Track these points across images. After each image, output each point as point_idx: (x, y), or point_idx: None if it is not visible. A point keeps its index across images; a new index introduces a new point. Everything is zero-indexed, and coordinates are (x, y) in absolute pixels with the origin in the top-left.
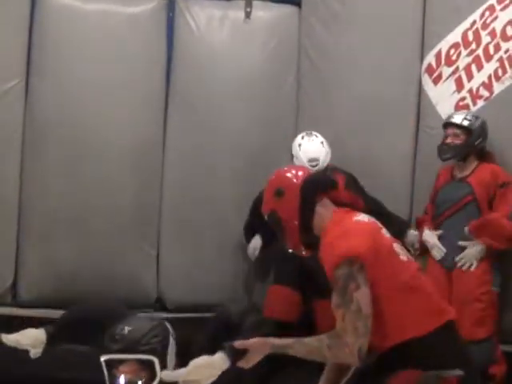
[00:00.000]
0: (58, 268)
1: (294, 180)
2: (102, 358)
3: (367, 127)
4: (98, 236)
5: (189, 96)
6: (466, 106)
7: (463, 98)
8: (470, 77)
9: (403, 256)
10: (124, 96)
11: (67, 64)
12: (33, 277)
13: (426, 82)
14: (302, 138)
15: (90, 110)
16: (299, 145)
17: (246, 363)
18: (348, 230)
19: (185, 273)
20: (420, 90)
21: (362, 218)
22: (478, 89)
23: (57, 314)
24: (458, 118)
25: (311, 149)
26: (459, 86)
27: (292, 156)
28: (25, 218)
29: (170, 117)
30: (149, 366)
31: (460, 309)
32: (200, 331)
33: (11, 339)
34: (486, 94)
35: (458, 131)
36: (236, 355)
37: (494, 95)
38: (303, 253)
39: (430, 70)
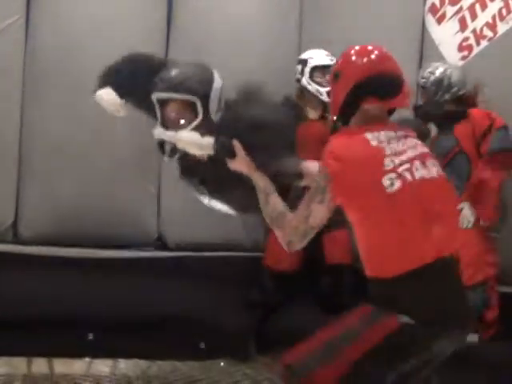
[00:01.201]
0: (58, 206)
1: (354, 65)
2: (152, 97)
3: None
4: (98, 174)
5: (191, 35)
6: (470, 47)
7: (467, 38)
8: (473, 16)
9: (392, 188)
10: (124, 33)
11: (67, 3)
12: (33, 215)
13: (429, 21)
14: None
15: (90, 47)
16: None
17: (230, 163)
18: (349, 145)
19: (186, 211)
20: (423, 30)
21: (375, 138)
22: (481, 29)
23: (57, 251)
24: (420, 78)
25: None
26: (463, 25)
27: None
28: (25, 156)
29: (172, 56)
30: (192, 107)
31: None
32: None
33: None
34: (489, 34)
35: (423, 90)
36: (224, 148)
37: (498, 35)
38: None
39: (433, 10)
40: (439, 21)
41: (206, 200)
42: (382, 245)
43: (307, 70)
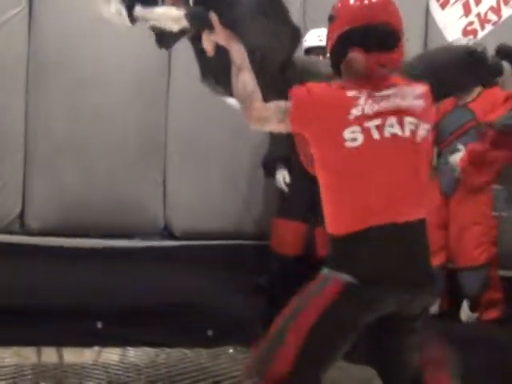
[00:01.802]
0: (65, 197)
1: (345, 11)
2: None
3: None
4: (103, 164)
5: None
6: (474, 31)
7: (471, 23)
8: (477, 1)
9: (353, 143)
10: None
11: None
12: (40, 206)
13: (433, 6)
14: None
15: (93, 39)
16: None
17: (205, 40)
18: (324, 87)
19: (192, 200)
20: (427, 15)
21: (354, 91)
22: (485, 13)
23: (64, 241)
24: (463, 43)
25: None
26: (467, 10)
27: None
28: (31, 148)
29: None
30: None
31: (459, 234)
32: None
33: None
34: (494, 18)
35: None
36: (198, 19)
37: (502, 19)
38: None
39: None
40: (443, 6)
41: (227, 100)
42: (337, 200)
43: (302, 53)
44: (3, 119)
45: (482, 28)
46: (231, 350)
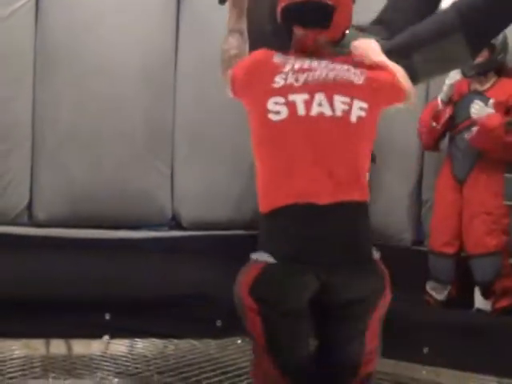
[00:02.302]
0: (72, 188)
1: None
2: None
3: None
4: (111, 155)
5: (200, 6)
6: None
7: None
8: None
9: (276, 117)
10: (135, 15)
11: None
12: (48, 197)
13: None
14: None
15: (100, 31)
16: None
17: None
18: (254, 55)
19: (199, 190)
20: None
21: (283, 58)
22: None
23: (72, 233)
24: None
25: None
26: None
27: None
28: (38, 140)
29: (182, 30)
30: None
31: (470, 221)
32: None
33: None
34: None
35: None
36: None
37: None
38: None
39: None
40: None
41: None
42: (263, 176)
43: None
44: (11, 111)
45: None
46: (239, 341)
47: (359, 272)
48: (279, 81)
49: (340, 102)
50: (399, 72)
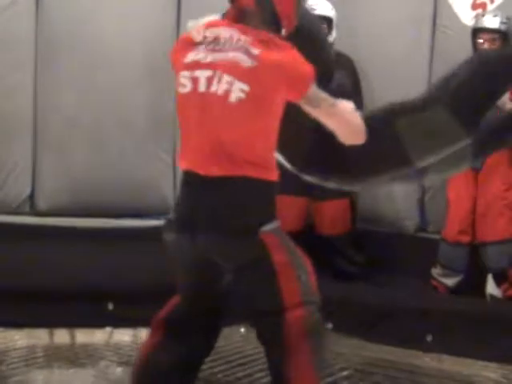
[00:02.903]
0: (74, 177)
1: None
2: None
3: (383, 28)
4: (113, 144)
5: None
6: (483, 5)
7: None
8: None
9: (183, 90)
10: (136, 2)
11: None
12: (50, 187)
13: None
14: None
15: (102, 19)
16: None
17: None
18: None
19: None
20: None
21: (201, 32)
22: None
23: (74, 222)
24: (493, 22)
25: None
26: None
27: None
28: (40, 129)
29: (184, 17)
30: None
31: (485, 209)
32: None
33: None
34: None
35: (495, 36)
36: None
37: None
38: None
39: None
40: None
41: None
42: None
43: None
44: (12, 99)
45: (492, 1)
46: (243, 330)
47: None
48: (191, 57)
49: (225, 81)
50: (348, 109)
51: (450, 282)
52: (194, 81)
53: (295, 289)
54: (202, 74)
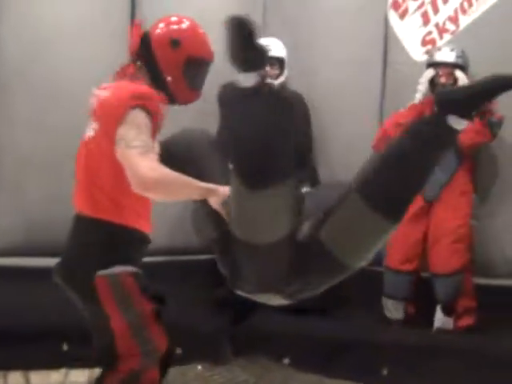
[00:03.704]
0: (30, 216)
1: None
2: None
3: (335, 60)
4: (69, 181)
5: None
6: (433, 41)
7: (430, 32)
8: (435, 10)
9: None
10: (91, 36)
11: (29, 4)
12: (5, 225)
13: (392, 16)
14: None
15: (58, 43)
16: None
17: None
18: None
19: (155, 217)
20: (386, 26)
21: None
22: (444, 22)
23: (29, 261)
24: (450, 56)
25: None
26: (425, 19)
27: None
28: None
29: None
30: None
31: (437, 240)
32: None
33: None
34: (452, 27)
35: (451, 70)
36: None
37: (460, 29)
38: None
39: (395, 5)
40: (402, 16)
41: None
42: None
43: None
44: None
45: (441, 37)
46: (199, 367)
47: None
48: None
49: (91, 125)
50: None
51: (397, 315)
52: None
53: (127, 337)
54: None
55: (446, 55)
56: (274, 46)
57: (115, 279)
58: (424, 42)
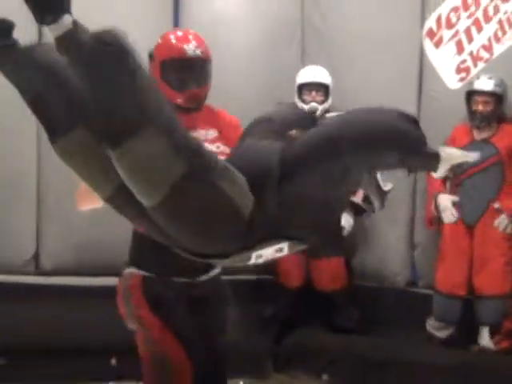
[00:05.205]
0: (76, 238)
1: None
2: None
3: (371, 91)
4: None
5: None
6: (467, 69)
7: (464, 61)
8: (470, 39)
9: None
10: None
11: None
12: (53, 247)
13: (428, 45)
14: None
15: None
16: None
17: None
18: None
19: None
20: (422, 54)
21: None
22: (478, 51)
23: (78, 281)
24: (488, 85)
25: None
26: (460, 48)
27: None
28: (43, 189)
29: None
30: None
31: (482, 264)
32: None
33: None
34: (486, 55)
35: (488, 98)
36: None
37: (493, 56)
38: None
39: (430, 34)
40: (437, 44)
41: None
42: None
43: (295, 89)
44: (16, 161)
45: (475, 66)
46: (241, 383)
47: None
48: None
49: None
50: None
51: (443, 334)
52: None
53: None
54: None
55: (484, 83)
56: (320, 73)
57: (127, 280)
58: (458, 70)
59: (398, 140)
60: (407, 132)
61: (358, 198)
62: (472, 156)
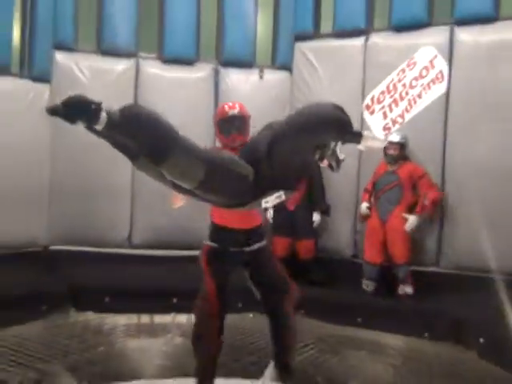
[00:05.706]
0: (156, 223)
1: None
2: None
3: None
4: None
5: None
6: (389, 128)
7: (387, 123)
8: (391, 110)
9: None
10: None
11: None
12: (141, 229)
13: (366, 114)
14: None
15: None
16: None
17: None
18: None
19: None
20: (362, 119)
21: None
22: (395, 118)
23: (156, 252)
24: (396, 138)
25: None
26: (384, 116)
27: None
28: (135, 193)
29: None
30: None
31: (393, 243)
32: None
33: None
34: (400, 120)
35: (396, 146)
36: None
37: (405, 121)
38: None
39: (367, 107)
40: (371, 113)
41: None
42: None
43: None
44: (114, 176)
45: (394, 126)
46: (251, 315)
47: None
48: None
49: None
50: None
51: (370, 288)
52: None
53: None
54: None
55: (395, 137)
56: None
57: (204, 252)
58: (384, 129)
59: (335, 123)
60: (340, 117)
61: (324, 164)
62: (381, 140)
